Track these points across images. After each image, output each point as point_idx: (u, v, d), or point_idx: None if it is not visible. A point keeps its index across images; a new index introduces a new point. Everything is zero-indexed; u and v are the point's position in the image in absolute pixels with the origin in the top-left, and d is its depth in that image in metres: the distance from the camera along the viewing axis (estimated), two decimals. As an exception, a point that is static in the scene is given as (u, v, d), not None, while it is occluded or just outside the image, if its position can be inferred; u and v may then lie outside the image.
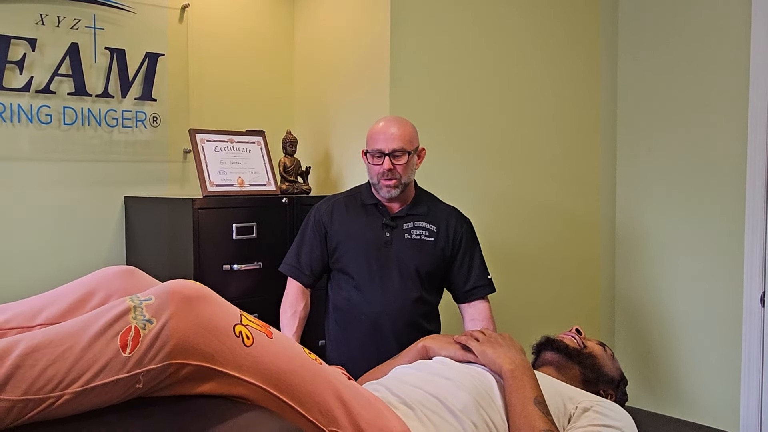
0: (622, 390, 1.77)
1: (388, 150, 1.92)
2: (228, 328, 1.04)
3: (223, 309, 1.06)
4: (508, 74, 2.51)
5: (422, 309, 1.97)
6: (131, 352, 0.94)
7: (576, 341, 1.76)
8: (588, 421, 1.44)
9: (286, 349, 1.12)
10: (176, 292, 1.01)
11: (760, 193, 2.39)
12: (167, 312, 0.98)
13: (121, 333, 0.95)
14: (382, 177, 1.94)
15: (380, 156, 1.93)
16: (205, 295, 1.04)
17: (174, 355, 0.97)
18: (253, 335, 1.07)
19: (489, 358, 1.51)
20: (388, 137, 1.94)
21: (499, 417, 1.40)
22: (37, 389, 0.89)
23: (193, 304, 1.01)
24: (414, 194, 2.05)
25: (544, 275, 2.66)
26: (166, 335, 0.97)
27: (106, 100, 2.19)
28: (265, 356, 1.07)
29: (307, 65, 2.57)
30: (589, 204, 2.80)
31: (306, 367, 1.12)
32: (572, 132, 2.72)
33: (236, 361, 1.03)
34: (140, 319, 0.96)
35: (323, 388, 1.13)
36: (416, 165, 2.02)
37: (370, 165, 1.97)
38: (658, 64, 2.73)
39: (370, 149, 1.96)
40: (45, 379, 0.89)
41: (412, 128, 1.99)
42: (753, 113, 2.40)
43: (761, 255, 2.38)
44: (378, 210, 2.00)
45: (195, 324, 0.99)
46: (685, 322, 2.67)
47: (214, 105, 2.42)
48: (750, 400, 2.44)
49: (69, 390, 0.90)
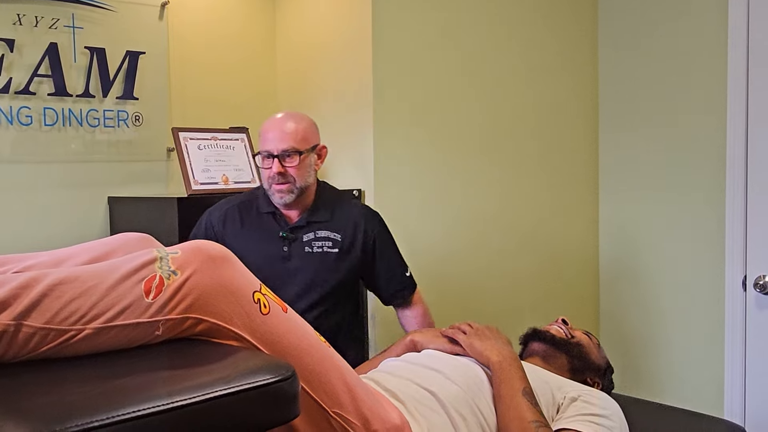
0: (609, 378, 1.80)
1: (277, 151, 1.76)
2: (248, 293, 1.06)
3: (244, 274, 1.08)
4: (495, 64, 2.51)
5: (329, 323, 1.81)
6: (154, 298, 0.96)
7: (562, 331, 1.79)
8: (576, 410, 1.47)
9: (299, 327, 1.14)
10: (202, 250, 1.04)
11: (739, 178, 2.42)
12: (192, 267, 1.00)
13: (146, 279, 0.97)
14: (273, 182, 1.78)
15: (269, 158, 1.77)
16: (230, 258, 1.07)
17: (194, 309, 0.99)
18: (270, 305, 1.10)
19: (476, 350, 1.53)
20: (278, 136, 1.77)
21: (488, 408, 1.42)
22: (60, 320, 0.91)
23: (217, 264, 1.03)
24: (314, 198, 1.87)
25: (526, 266, 2.69)
26: (189, 288, 0.99)
27: (87, 99, 2.17)
28: (278, 328, 1.09)
29: (290, 60, 2.56)
30: (572, 192, 2.82)
31: (315, 348, 1.14)
32: (555, 122, 2.73)
33: (251, 326, 1.05)
34: (165, 269, 0.99)
35: (330, 370, 1.15)
36: (316, 165, 1.85)
37: (260, 168, 1.82)
38: (638, 54, 2.75)
39: (260, 150, 1.80)
40: (69, 311, 0.92)
41: (307, 124, 1.83)
42: (732, 100, 2.43)
43: (742, 239, 2.42)
44: (275, 220, 1.84)
45: (217, 283, 1.02)
46: (668, 307, 2.71)
47: (196, 103, 2.41)
48: (734, 384, 2.48)
49: (90, 325, 0.92)
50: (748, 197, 2.41)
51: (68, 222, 2.17)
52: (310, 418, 1.12)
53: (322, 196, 1.88)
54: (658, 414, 1.81)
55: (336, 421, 1.13)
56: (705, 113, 2.54)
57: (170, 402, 0.73)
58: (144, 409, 0.71)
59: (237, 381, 0.80)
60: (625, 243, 2.84)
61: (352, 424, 1.15)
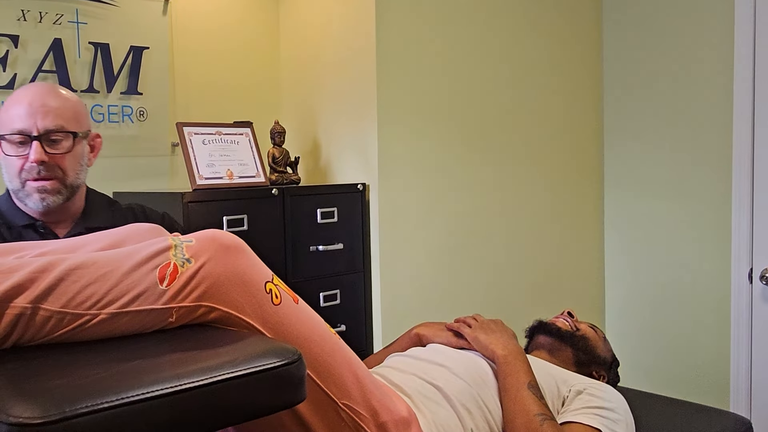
0: (614, 371, 1.80)
1: (37, 131, 1.30)
2: (260, 282, 1.07)
3: (257, 264, 1.09)
4: (499, 60, 2.51)
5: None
6: (168, 285, 0.97)
7: (568, 324, 1.79)
8: (582, 403, 1.47)
9: (310, 318, 1.15)
10: (216, 239, 1.04)
11: (745, 170, 2.41)
12: (206, 255, 1.01)
13: (160, 266, 0.98)
14: (30, 176, 1.33)
15: (22, 142, 1.31)
16: (243, 247, 1.08)
17: (207, 297, 1.00)
18: (282, 296, 1.10)
19: (482, 344, 1.53)
20: (38, 111, 1.31)
21: (494, 402, 1.42)
22: (76, 304, 0.92)
23: (232, 253, 1.04)
24: (85, 203, 1.48)
25: (531, 261, 2.69)
26: (202, 276, 1.00)
27: (91, 95, 2.17)
28: (289, 318, 1.10)
29: (293, 54, 2.57)
30: (577, 187, 2.82)
31: (326, 339, 1.14)
32: (563, 116, 2.73)
33: (263, 316, 1.06)
34: (180, 257, 1.00)
35: (340, 362, 1.15)
36: (90, 160, 1.46)
37: (6, 158, 1.34)
38: (643, 53, 2.74)
39: (5, 132, 1.32)
40: (85, 295, 0.92)
41: (78, 100, 1.42)
42: (738, 93, 2.42)
43: (748, 232, 2.42)
44: (38, 234, 1.39)
45: (230, 272, 1.03)
46: (673, 300, 2.71)
47: (200, 97, 2.41)
48: (739, 377, 2.48)
49: (105, 310, 0.93)
50: (754, 190, 2.40)
51: (73, 217, 2.16)
52: (320, 410, 1.12)
53: (93, 199, 1.51)
54: (663, 407, 1.80)
55: (345, 413, 1.14)
56: (711, 106, 2.54)
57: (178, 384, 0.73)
58: (152, 392, 0.72)
59: (244, 364, 0.81)
60: (631, 237, 2.84)
61: (360, 415, 1.15)
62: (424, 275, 2.35)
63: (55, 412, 0.66)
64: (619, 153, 2.84)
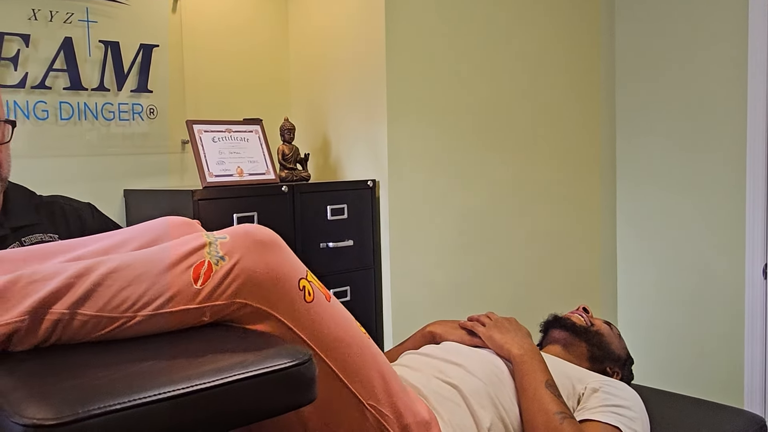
0: (628, 368, 1.79)
1: None
2: (293, 279, 1.06)
3: (291, 260, 1.08)
4: (509, 55, 2.50)
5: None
6: (202, 284, 0.97)
7: (583, 319, 1.78)
8: (598, 401, 1.46)
9: (342, 317, 1.14)
10: (251, 234, 1.04)
11: (760, 165, 2.39)
12: (240, 252, 1.01)
13: (194, 266, 0.98)
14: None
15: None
16: (278, 242, 1.07)
17: (240, 294, 1.00)
18: (315, 293, 1.10)
19: (497, 343, 1.53)
20: None
21: (510, 401, 1.42)
22: (112, 308, 0.93)
23: (266, 249, 1.03)
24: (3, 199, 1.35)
25: (541, 256, 2.67)
26: (236, 273, 0.99)
27: (102, 93, 2.18)
28: (321, 317, 1.09)
29: (303, 52, 2.56)
30: (589, 180, 2.80)
31: (356, 339, 1.14)
32: (575, 110, 2.71)
33: (295, 313, 1.05)
34: (214, 255, 0.99)
35: (369, 362, 1.15)
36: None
37: None
38: (656, 37, 2.72)
39: None
40: (120, 299, 0.93)
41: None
42: (752, 89, 2.40)
43: (762, 227, 2.40)
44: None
45: (264, 268, 1.02)
46: (686, 296, 2.69)
47: (210, 94, 2.41)
48: (753, 374, 2.46)
49: (141, 312, 0.94)
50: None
51: (85, 215, 2.17)
52: (345, 409, 1.12)
53: (10, 194, 1.38)
54: (677, 405, 1.79)
55: (370, 413, 1.14)
56: (725, 102, 2.51)
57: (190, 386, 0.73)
58: (163, 393, 0.72)
59: (254, 365, 0.81)
60: (644, 231, 2.82)
61: (385, 416, 1.15)
62: (434, 271, 2.34)
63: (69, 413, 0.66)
64: (632, 147, 2.82)
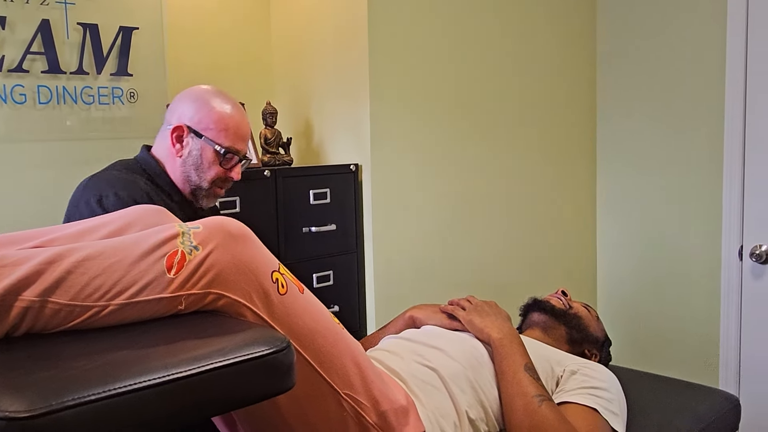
0: (606, 350, 1.81)
1: (244, 152, 1.58)
2: (267, 271, 1.07)
3: (264, 253, 1.09)
4: (493, 38, 2.49)
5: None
6: (176, 274, 0.97)
7: (562, 302, 1.80)
8: (576, 383, 1.48)
9: (315, 308, 1.15)
10: (224, 226, 1.05)
11: (737, 151, 2.42)
12: (213, 242, 1.01)
13: (168, 254, 0.98)
14: (223, 185, 1.61)
15: (235, 160, 1.57)
16: (250, 236, 1.08)
17: (215, 285, 1.00)
18: (288, 285, 1.10)
19: (476, 327, 1.54)
20: (247, 135, 1.58)
21: (489, 384, 1.43)
22: (85, 297, 0.92)
23: (239, 241, 1.04)
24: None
25: (523, 241, 2.69)
26: (210, 264, 1.00)
27: (81, 77, 2.15)
28: (295, 308, 1.10)
29: (286, 35, 2.54)
30: (573, 163, 2.81)
31: (330, 329, 1.15)
32: (557, 94, 2.72)
33: (269, 306, 1.06)
34: (187, 245, 1.00)
35: (344, 352, 1.15)
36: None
37: (210, 165, 1.57)
38: (638, 22, 2.72)
39: (228, 146, 1.56)
40: (93, 287, 0.93)
41: None
42: (730, 72, 2.42)
43: (739, 209, 2.43)
44: (192, 208, 1.64)
45: (238, 259, 1.03)
46: (665, 277, 2.72)
47: (192, 78, 2.39)
48: (729, 354, 2.50)
49: (114, 301, 0.94)
50: (745, 168, 2.41)
51: (65, 201, 2.15)
52: (321, 399, 1.13)
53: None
54: (653, 385, 1.82)
55: (347, 402, 1.15)
56: (703, 87, 2.53)
57: (166, 375, 0.73)
58: (140, 382, 0.71)
59: (232, 353, 0.81)
60: (624, 215, 2.84)
61: (362, 405, 1.16)
62: (417, 255, 2.35)
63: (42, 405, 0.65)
64: (612, 130, 2.84)
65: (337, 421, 1.14)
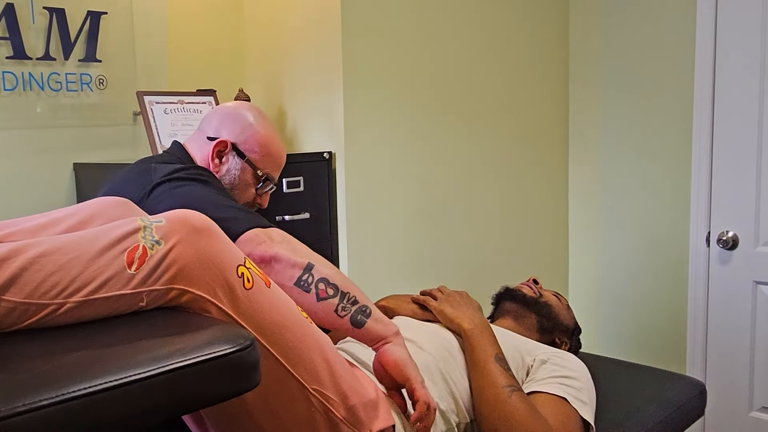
0: (576, 338, 1.83)
1: (276, 181, 1.56)
2: (232, 266, 1.04)
3: (229, 247, 1.06)
4: (467, 25, 2.48)
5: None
6: (137, 269, 0.94)
7: (533, 290, 1.81)
8: (546, 373, 1.50)
9: (282, 302, 1.13)
10: (187, 219, 1.01)
11: (705, 140, 2.44)
12: (176, 237, 0.98)
13: (128, 250, 0.95)
14: (251, 207, 1.57)
15: (269, 187, 1.56)
16: (214, 229, 1.05)
17: (177, 280, 0.98)
18: (254, 280, 1.08)
19: (448, 317, 1.54)
20: (283, 163, 1.57)
21: (459, 375, 1.44)
22: (41, 294, 0.89)
23: (202, 235, 1.01)
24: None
25: (496, 227, 2.70)
26: (173, 258, 0.97)
27: (48, 63, 2.11)
28: (261, 303, 1.08)
29: (258, 20, 2.51)
30: (544, 153, 2.82)
31: (297, 324, 1.13)
32: (530, 83, 2.72)
33: (234, 301, 1.04)
34: (149, 239, 0.97)
35: (312, 347, 1.14)
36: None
37: (246, 188, 1.52)
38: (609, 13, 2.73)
39: (268, 172, 1.53)
40: (49, 284, 0.90)
41: None
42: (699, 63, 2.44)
43: (707, 196, 2.45)
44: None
45: (201, 254, 1.00)
46: (634, 265, 2.75)
47: (162, 65, 2.35)
48: (695, 340, 2.54)
49: (72, 299, 0.91)
50: (713, 155, 2.44)
51: (33, 190, 2.12)
52: (288, 395, 1.12)
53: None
54: (622, 371, 1.85)
55: (315, 398, 1.13)
56: (673, 74, 2.55)
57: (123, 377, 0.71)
58: (95, 385, 0.69)
59: (194, 353, 0.79)
60: (595, 203, 2.86)
61: (330, 400, 1.15)
62: (392, 244, 2.35)
63: (-9, 414, 0.62)
64: (585, 118, 2.85)
65: (305, 416, 1.13)
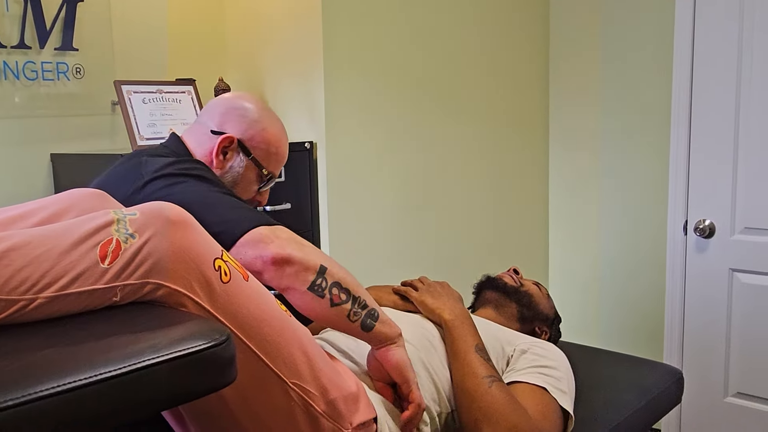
0: (556, 327, 1.84)
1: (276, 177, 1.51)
2: (209, 259, 1.02)
3: (205, 240, 1.04)
4: (448, 15, 2.46)
5: None
6: (110, 263, 0.92)
7: (514, 280, 1.82)
8: (526, 363, 1.50)
9: (260, 295, 1.11)
10: (163, 212, 0.99)
11: (683, 129, 2.46)
12: (151, 230, 0.96)
13: (101, 243, 0.93)
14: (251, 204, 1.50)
15: (270, 185, 1.51)
16: (191, 222, 1.02)
17: (152, 274, 0.95)
18: (231, 273, 1.06)
19: (428, 308, 1.55)
20: (286, 160, 1.52)
21: (440, 365, 1.44)
22: (10, 290, 0.87)
23: (178, 227, 0.99)
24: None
25: (479, 216, 2.70)
26: (147, 252, 0.95)
27: (23, 51, 2.07)
28: (239, 297, 1.06)
29: (239, 9, 2.48)
30: (525, 143, 2.82)
31: (276, 317, 1.11)
32: (512, 73, 2.71)
33: (212, 294, 1.02)
34: (123, 233, 0.94)
35: (291, 341, 1.12)
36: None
37: (248, 186, 1.47)
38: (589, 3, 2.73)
39: (272, 170, 1.48)
40: (18, 279, 0.87)
41: None
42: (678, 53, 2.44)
43: (684, 184, 2.47)
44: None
45: (177, 247, 0.98)
46: (613, 253, 2.77)
47: (140, 53, 2.32)
48: (673, 328, 2.56)
49: (43, 294, 0.88)
50: (691, 146, 2.45)
51: (9, 181, 2.09)
52: (267, 390, 1.10)
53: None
54: (600, 360, 1.86)
55: (294, 392, 1.12)
56: (653, 65, 2.56)
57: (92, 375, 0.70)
58: (64, 384, 0.68)
59: (167, 349, 0.77)
60: (575, 193, 2.87)
61: (310, 394, 1.14)
62: (374, 234, 2.35)
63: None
64: (565, 109, 2.86)
65: (284, 410, 1.12)
